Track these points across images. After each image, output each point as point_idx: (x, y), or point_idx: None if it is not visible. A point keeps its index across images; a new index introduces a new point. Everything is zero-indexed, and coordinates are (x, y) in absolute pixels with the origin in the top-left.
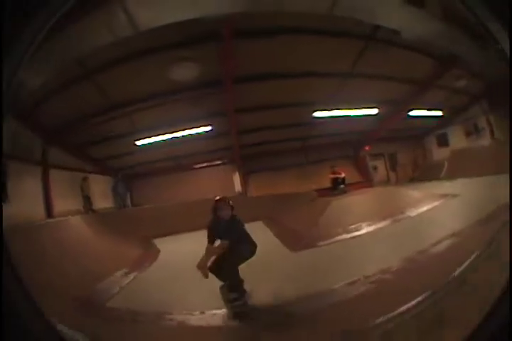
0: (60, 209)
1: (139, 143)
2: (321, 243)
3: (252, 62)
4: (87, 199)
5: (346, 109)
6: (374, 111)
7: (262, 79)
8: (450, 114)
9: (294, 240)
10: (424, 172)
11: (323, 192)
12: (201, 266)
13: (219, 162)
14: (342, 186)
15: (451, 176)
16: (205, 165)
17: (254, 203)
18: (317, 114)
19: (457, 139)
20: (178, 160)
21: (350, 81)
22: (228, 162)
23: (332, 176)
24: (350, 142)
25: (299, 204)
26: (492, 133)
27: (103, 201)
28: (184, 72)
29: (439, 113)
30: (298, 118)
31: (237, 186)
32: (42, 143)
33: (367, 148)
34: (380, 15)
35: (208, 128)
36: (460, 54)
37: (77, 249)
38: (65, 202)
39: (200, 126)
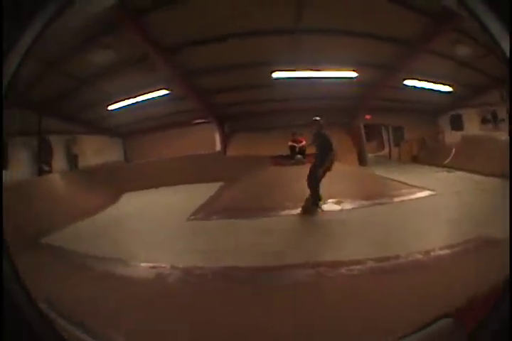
0: (57, 168)
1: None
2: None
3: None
4: (74, 158)
5: (309, 70)
6: (351, 74)
7: (217, 42)
8: (464, 92)
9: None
10: (429, 154)
11: (278, 161)
12: None
13: (203, 120)
14: (299, 156)
15: (454, 166)
16: (193, 123)
17: (229, 162)
18: (275, 74)
19: (471, 124)
20: (161, 120)
21: (307, 37)
22: (211, 121)
23: (290, 144)
24: (339, 108)
25: (253, 170)
26: None
27: (95, 158)
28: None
29: (447, 88)
30: (259, 79)
31: (218, 144)
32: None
33: (367, 117)
34: None
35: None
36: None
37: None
38: (60, 163)
39: (159, 90)
